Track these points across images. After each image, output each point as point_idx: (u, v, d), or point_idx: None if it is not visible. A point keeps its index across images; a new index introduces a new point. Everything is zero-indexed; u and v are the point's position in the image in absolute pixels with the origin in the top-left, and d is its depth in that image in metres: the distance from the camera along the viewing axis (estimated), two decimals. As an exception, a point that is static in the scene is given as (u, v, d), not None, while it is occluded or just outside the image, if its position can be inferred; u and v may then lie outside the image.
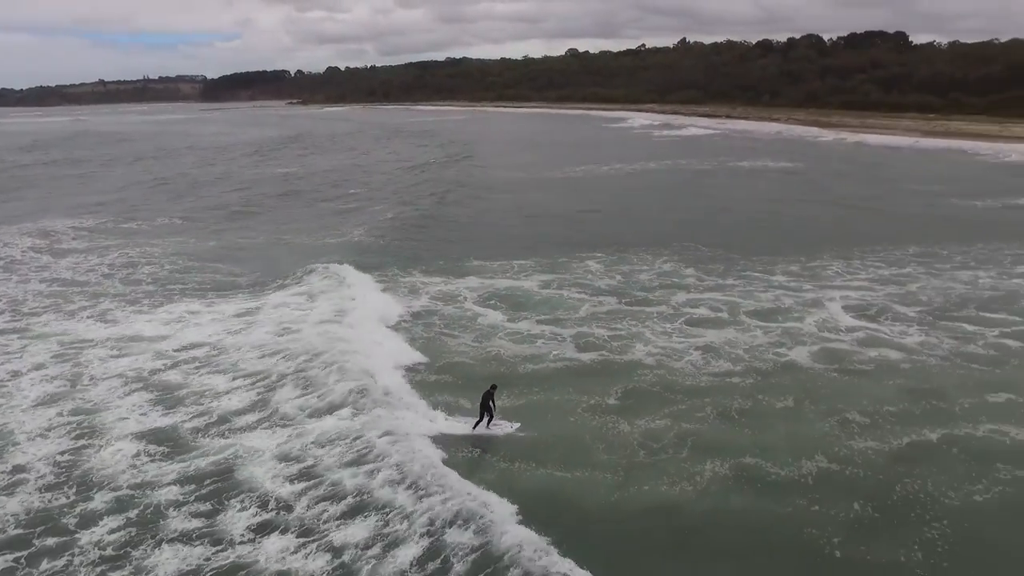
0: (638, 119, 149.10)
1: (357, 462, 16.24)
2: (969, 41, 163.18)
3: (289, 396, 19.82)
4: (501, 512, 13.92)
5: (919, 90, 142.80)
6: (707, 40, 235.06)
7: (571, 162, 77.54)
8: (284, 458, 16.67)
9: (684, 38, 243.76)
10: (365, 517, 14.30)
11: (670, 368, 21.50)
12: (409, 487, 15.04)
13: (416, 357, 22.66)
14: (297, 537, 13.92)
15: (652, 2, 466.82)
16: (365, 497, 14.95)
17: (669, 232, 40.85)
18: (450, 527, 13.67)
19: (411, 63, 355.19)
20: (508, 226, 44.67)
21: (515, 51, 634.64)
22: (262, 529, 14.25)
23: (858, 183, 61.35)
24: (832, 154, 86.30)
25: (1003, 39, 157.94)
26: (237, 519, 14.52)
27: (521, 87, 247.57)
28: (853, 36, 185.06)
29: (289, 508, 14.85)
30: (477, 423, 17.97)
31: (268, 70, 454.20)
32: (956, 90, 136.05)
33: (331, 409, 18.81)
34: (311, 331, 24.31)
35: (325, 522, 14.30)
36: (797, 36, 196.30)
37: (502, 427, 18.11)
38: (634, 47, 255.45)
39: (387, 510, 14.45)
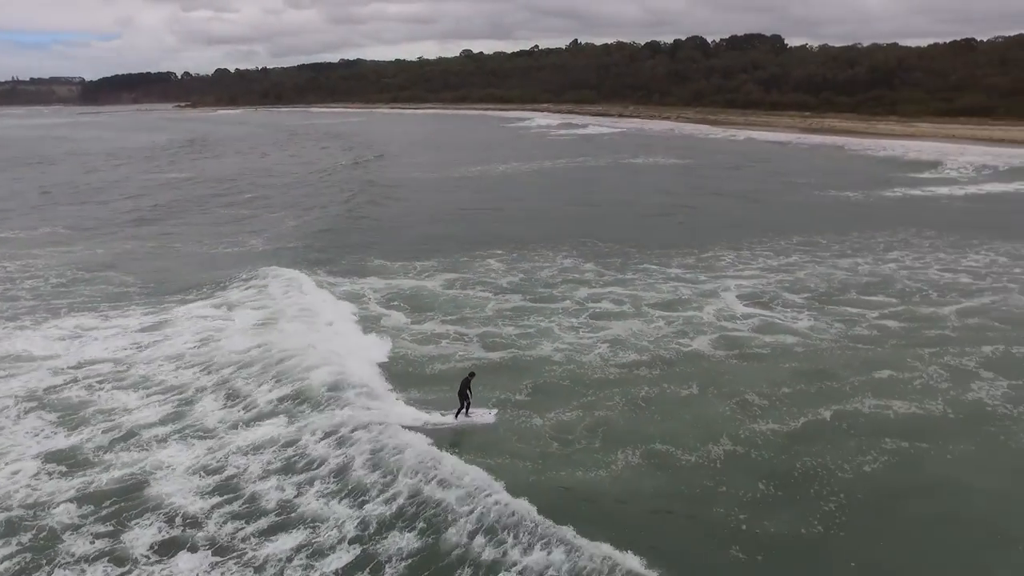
0: (539, 119, 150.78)
1: (287, 470, 15.72)
2: (837, 45, 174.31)
3: (211, 408, 18.89)
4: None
5: (796, 90, 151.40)
6: (598, 41, 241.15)
7: (470, 162, 77.55)
8: (202, 471, 15.88)
9: (576, 39, 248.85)
10: (289, 531, 13.80)
11: (579, 362, 21.69)
12: (346, 496, 14.67)
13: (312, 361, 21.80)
14: (214, 554, 13.24)
15: (544, 4, 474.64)
16: (291, 512, 14.41)
17: (567, 228, 41.50)
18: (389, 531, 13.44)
19: (304, 65, 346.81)
20: (409, 226, 44.24)
21: (409, 52, 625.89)
22: (169, 547, 13.51)
23: (746, 177, 64.33)
24: (723, 150, 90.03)
25: (865, 44, 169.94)
26: (140, 537, 13.74)
27: (416, 88, 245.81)
28: (734, 38, 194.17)
29: (199, 524, 14.12)
30: (458, 412, 17.94)
31: (153, 72, 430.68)
32: (827, 90, 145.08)
33: (259, 418, 18.15)
34: (229, 341, 23.20)
35: (244, 539, 13.67)
36: (683, 38, 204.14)
37: (480, 415, 18.11)
38: (528, 48, 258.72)
39: (316, 523, 14.03)
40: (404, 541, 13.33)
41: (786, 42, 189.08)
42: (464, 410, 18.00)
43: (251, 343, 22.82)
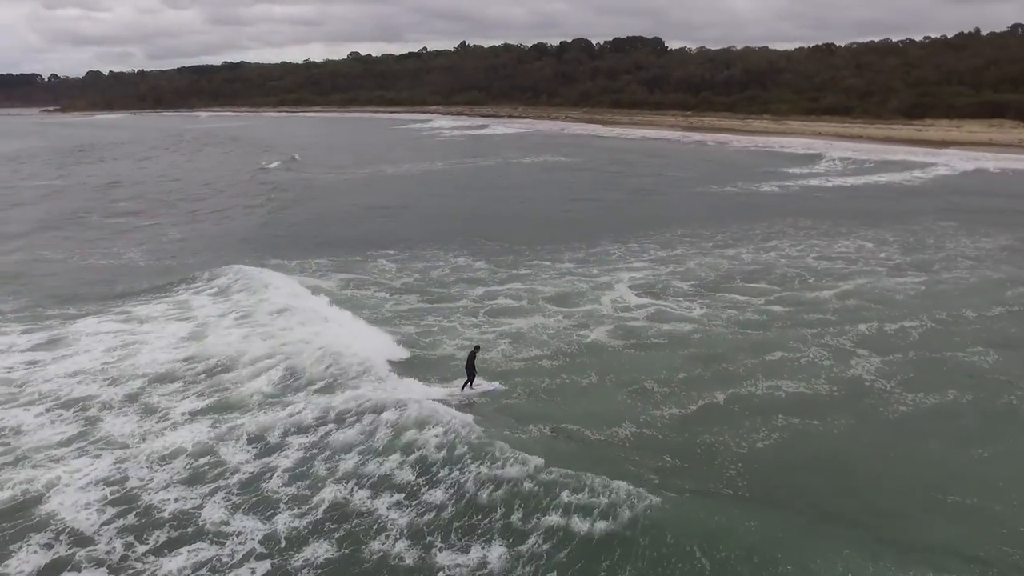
0: (433, 121, 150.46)
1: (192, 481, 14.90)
2: (714, 48, 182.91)
3: (115, 422, 17.64)
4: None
5: (677, 90, 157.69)
6: (486, 43, 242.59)
7: (362, 163, 76.50)
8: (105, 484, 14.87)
9: (464, 41, 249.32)
10: (190, 549, 13.02)
11: (481, 358, 21.34)
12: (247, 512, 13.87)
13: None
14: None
15: (432, 6, 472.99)
16: (189, 526, 13.55)
17: (458, 228, 41.43)
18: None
19: (185, 68, 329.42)
20: (301, 226, 43.23)
21: (296, 55, 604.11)
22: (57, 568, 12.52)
23: (632, 174, 66.34)
24: (610, 148, 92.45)
25: (739, 47, 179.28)
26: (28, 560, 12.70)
27: (304, 91, 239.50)
28: (618, 40, 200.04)
29: (90, 541, 13.16)
30: (465, 384, 18.75)
31: (15, 73, 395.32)
32: (706, 90, 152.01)
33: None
34: (148, 352, 21.76)
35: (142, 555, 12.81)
36: (569, 40, 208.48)
37: (483, 387, 18.89)
38: (416, 50, 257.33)
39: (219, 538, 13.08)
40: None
41: (666, 45, 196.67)
42: (470, 382, 18.78)
43: (173, 355, 21.62)
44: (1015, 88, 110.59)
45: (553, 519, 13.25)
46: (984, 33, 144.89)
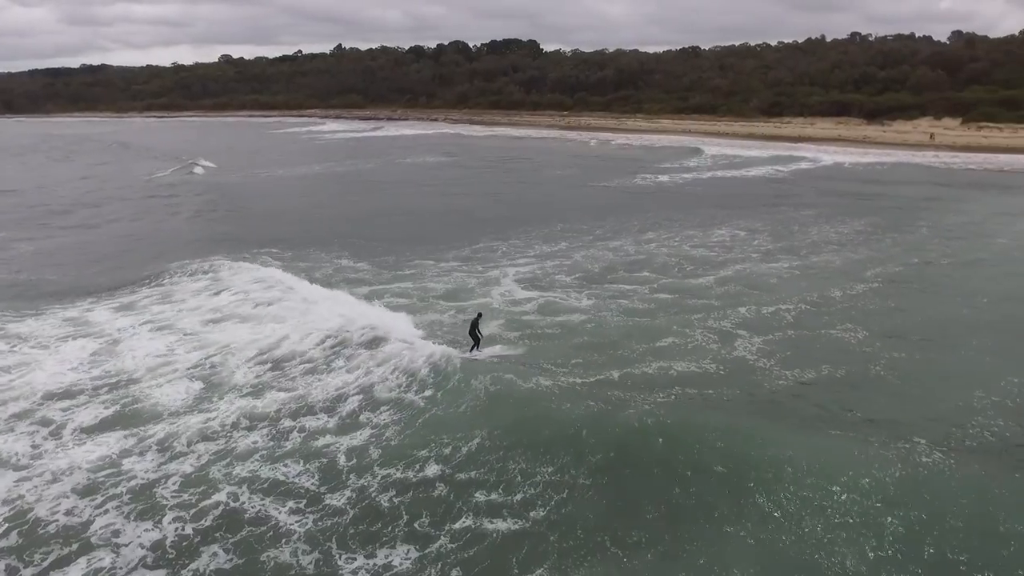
0: (311, 126, 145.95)
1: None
2: (587, 50, 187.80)
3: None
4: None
5: (553, 90, 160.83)
6: (363, 46, 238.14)
7: (245, 167, 73.17)
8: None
9: (340, 44, 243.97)
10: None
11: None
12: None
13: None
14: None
15: (306, 8, 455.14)
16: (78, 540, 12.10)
17: (338, 229, 40.47)
18: None
19: (38, 70, 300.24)
20: (183, 226, 41.87)
21: (162, 57, 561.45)
22: None
23: (512, 172, 67.08)
24: (489, 147, 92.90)
25: (611, 49, 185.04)
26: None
27: (173, 95, 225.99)
28: (494, 43, 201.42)
29: None
30: (472, 348, 19.76)
31: None
32: (582, 90, 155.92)
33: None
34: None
35: None
36: (446, 43, 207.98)
37: (486, 353, 19.97)
38: (291, 53, 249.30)
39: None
40: None
41: (542, 47, 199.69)
42: (476, 347, 19.82)
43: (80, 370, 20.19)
44: (857, 89, 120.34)
45: (466, 521, 12.99)
46: (828, 39, 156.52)
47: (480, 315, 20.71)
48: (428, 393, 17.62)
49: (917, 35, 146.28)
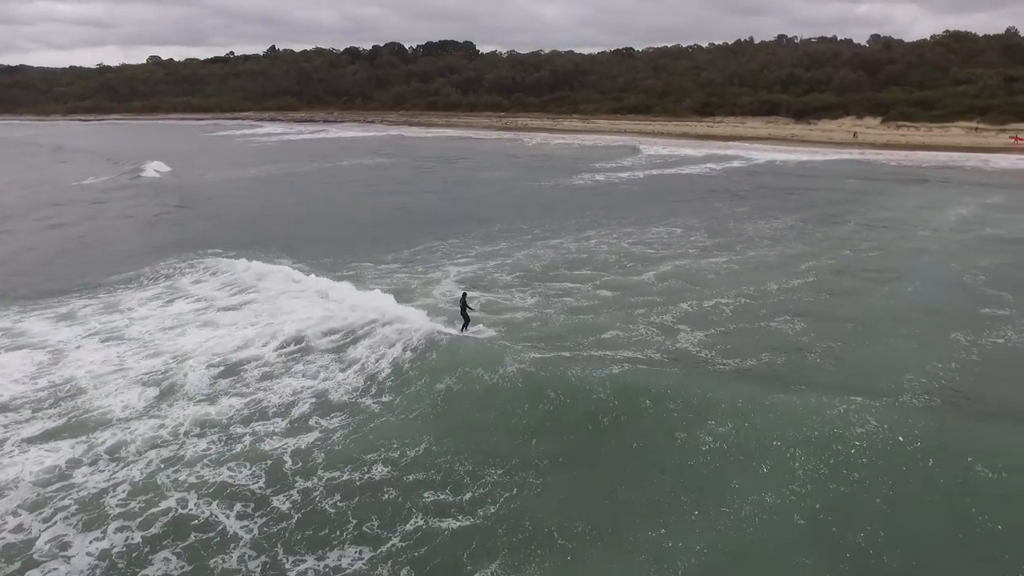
0: (267, 127, 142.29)
1: None
2: (523, 51, 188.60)
3: None
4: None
5: (490, 92, 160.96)
6: (297, 48, 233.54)
7: (184, 171, 70.68)
8: None
9: (273, 45, 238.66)
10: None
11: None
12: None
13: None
14: None
15: (238, 9, 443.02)
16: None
17: (271, 231, 39.80)
18: None
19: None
20: (122, 234, 40.36)
21: (87, 58, 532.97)
22: None
23: (449, 173, 66.91)
24: (427, 148, 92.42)
25: (547, 51, 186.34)
26: None
27: (99, 98, 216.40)
28: (430, 44, 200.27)
29: None
30: (463, 327, 20.99)
31: None
32: (518, 91, 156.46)
33: None
34: None
35: None
36: (382, 44, 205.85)
37: (479, 330, 21.26)
38: (223, 54, 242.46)
39: None
40: None
41: (478, 48, 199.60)
42: (466, 326, 20.92)
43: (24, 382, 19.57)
44: (784, 89, 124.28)
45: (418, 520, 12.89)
46: (757, 41, 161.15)
47: (465, 294, 21.73)
48: (381, 398, 17.54)
49: (839, 38, 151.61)
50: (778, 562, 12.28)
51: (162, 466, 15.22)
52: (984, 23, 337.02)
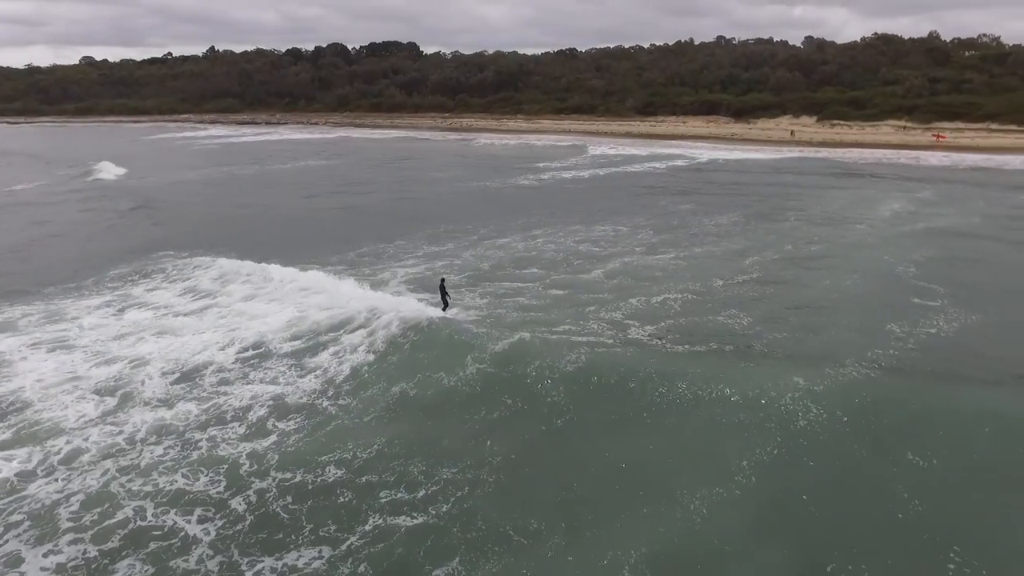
0: (186, 131, 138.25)
1: None
2: (467, 52, 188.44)
3: None
4: None
5: (434, 92, 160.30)
6: (237, 49, 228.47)
7: (134, 174, 68.20)
8: None
9: (213, 46, 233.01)
10: None
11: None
12: None
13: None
14: None
15: (175, 9, 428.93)
16: None
17: (221, 233, 39.22)
18: None
19: None
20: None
21: (14, 59, 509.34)
22: None
23: (394, 174, 66.47)
24: (371, 150, 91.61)
25: (490, 51, 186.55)
26: None
27: (29, 100, 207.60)
28: (374, 45, 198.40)
29: None
30: (444, 308, 22.99)
31: None
32: (462, 92, 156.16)
33: None
34: None
35: None
36: (324, 45, 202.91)
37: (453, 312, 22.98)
38: (160, 55, 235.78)
39: None
40: None
41: (422, 49, 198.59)
42: (446, 306, 23.04)
43: None
44: (724, 89, 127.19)
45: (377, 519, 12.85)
46: (696, 42, 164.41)
47: (444, 279, 24.39)
48: (335, 400, 17.31)
49: (775, 39, 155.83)
50: (728, 550, 12.59)
51: (118, 474, 14.92)
52: (908, 27, 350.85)
